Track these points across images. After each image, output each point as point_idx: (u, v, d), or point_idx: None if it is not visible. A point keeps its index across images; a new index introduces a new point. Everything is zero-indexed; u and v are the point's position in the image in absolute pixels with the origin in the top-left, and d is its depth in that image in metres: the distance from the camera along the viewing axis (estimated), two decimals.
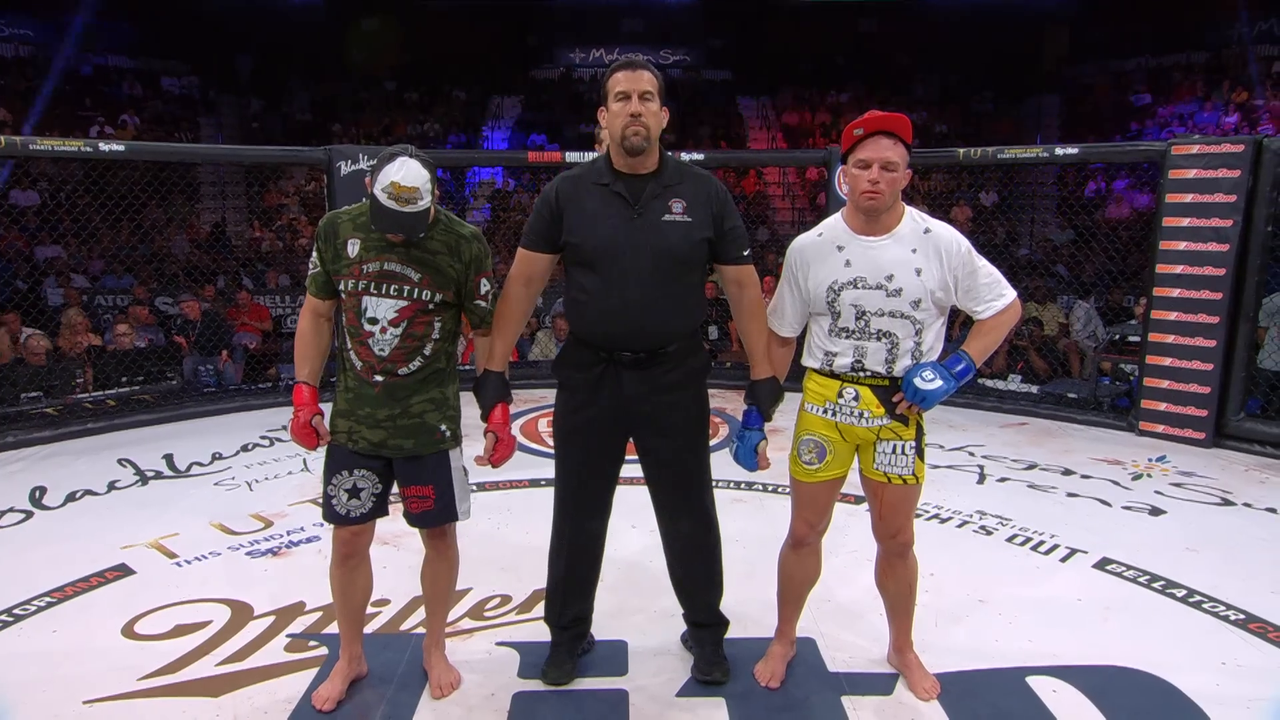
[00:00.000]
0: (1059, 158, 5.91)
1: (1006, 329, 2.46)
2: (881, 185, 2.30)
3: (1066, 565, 3.62)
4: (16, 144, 5.02)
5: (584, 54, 21.85)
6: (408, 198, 2.24)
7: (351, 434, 2.45)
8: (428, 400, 2.47)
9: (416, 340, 2.41)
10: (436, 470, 2.50)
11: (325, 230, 2.45)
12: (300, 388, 2.51)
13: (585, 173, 2.51)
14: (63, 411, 5.69)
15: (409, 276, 2.38)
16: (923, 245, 2.37)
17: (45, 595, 3.26)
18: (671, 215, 2.42)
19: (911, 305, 2.35)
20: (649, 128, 2.38)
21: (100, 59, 18.60)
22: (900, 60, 20.05)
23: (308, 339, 2.54)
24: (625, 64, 2.42)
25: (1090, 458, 5.11)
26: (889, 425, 2.45)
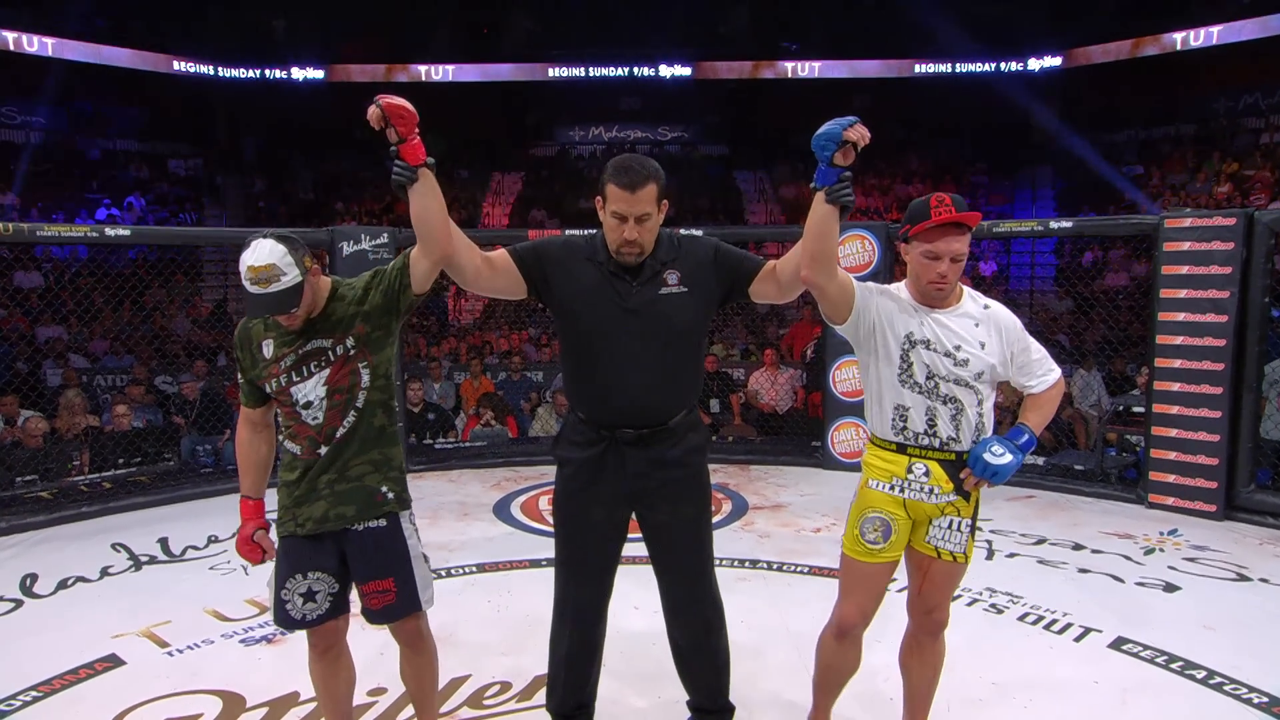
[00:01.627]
0: (1054, 231, 5.97)
1: (1057, 402, 2.52)
2: (950, 277, 2.36)
3: (1081, 645, 3.52)
4: (24, 230, 5.06)
5: (583, 131, 22.36)
6: (265, 277, 2.18)
7: (297, 519, 2.38)
8: (367, 462, 2.39)
9: (344, 394, 2.35)
10: (393, 558, 2.40)
11: (240, 339, 2.41)
12: (244, 502, 2.47)
13: (582, 246, 2.47)
14: (58, 494, 5.63)
15: (322, 346, 2.34)
16: (985, 321, 2.43)
17: (32, 689, 3.17)
18: (668, 288, 2.41)
19: (975, 377, 2.39)
20: (643, 247, 2.37)
21: (108, 143, 19.04)
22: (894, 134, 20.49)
23: (246, 450, 2.50)
24: (626, 180, 2.30)
25: (1100, 531, 5.03)
26: (953, 502, 2.45)
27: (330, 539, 2.38)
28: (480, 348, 10.36)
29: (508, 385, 8.84)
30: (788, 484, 6.22)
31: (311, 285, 2.28)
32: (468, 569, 4.45)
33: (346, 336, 2.35)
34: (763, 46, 20.79)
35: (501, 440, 7.29)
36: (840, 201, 2.25)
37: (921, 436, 2.41)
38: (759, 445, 7.32)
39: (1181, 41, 17.13)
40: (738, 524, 5.24)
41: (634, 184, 2.31)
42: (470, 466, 6.66)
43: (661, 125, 22.24)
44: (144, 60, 18.85)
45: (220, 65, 19.92)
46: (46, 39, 17.37)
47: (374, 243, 6.02)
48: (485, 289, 2.51)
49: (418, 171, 2.20)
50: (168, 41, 19.05)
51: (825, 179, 2.25)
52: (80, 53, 17.98)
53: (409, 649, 2.54)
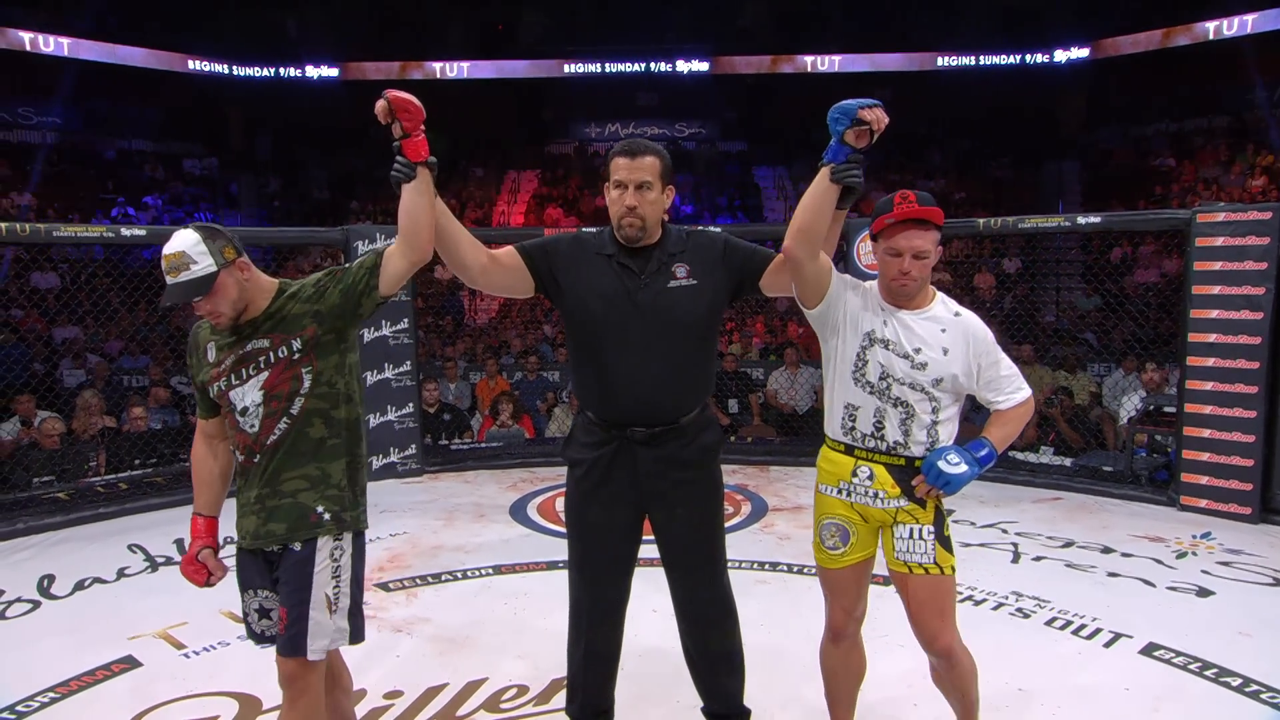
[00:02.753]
0: (1081, 227, 5.85)
1: (1023, 422, 2.43)
2: (913, 273, 2.30)
3: (1111, 651, 3.43)
4: (40, 231, 5.06)
5: (599, 128, 22.30)
6: (175, 265, 2.10)
7: (241, 532, 2.29)
8: (301, 477, 2.20)
9: (281, 401, 2.19)
10: (296, 587, 2.17)
11: (191, 343, 2.33)
12: (194, 519, 2.38)
13: (592, 240, 2.47)
14: (74, 495, 5.63)
15: (260, 347, 2.21)
16: (952, 327, 2.35)
17: (49, 690, 3.16)
18: (677, 280, 2.38)
19: (932, 383, 2.32)
20: (645, 218, 2.35)
21: (124, 143, 19.15)
22: (916, 128, 20.31)
23: (200, 465, 2.38)
24: (627, 149, 2.36)
25: (1130, 534, 4.91)
26: (906, 508, 2.37)
27: (266, 556, 2.26)
28: (497, 348, 10.34)
29: (524, 385, 8.80)
30: (808, 485, 6.09)
31: (237, 280, 2.16)
32: (484, 571, 4.41)
33: (292, 338, 2.21)
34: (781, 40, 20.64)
35: (518, 441, 7.24)
36: (845, 180, 2.22)
37: (868, 438, 2.37)
38: (779, 446, 7.23)
39: (1214, 31, 16.87)
40: (757, 526, 5.17)
41: (634, 152, 2.35)
42: (486, 467, 6.62)
43: (679, 121, 22.15)
44: (158, 60, 18.97)
45: (235, 64, 20.02)
46: (62, 39, 17.50)
47: (389, 241, 5.97)
48: (492, 287, 2.49)
49: (416, 169, 2.18)
50: (182, 41, 19.17)
51: (834, 155, 2.22)
52: (95, 52, 18.10)
53: (284, 697, 2.24)
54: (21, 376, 6.88)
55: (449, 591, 4.10)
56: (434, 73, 20.86)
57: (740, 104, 21.73)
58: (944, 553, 2.37)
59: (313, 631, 2.17)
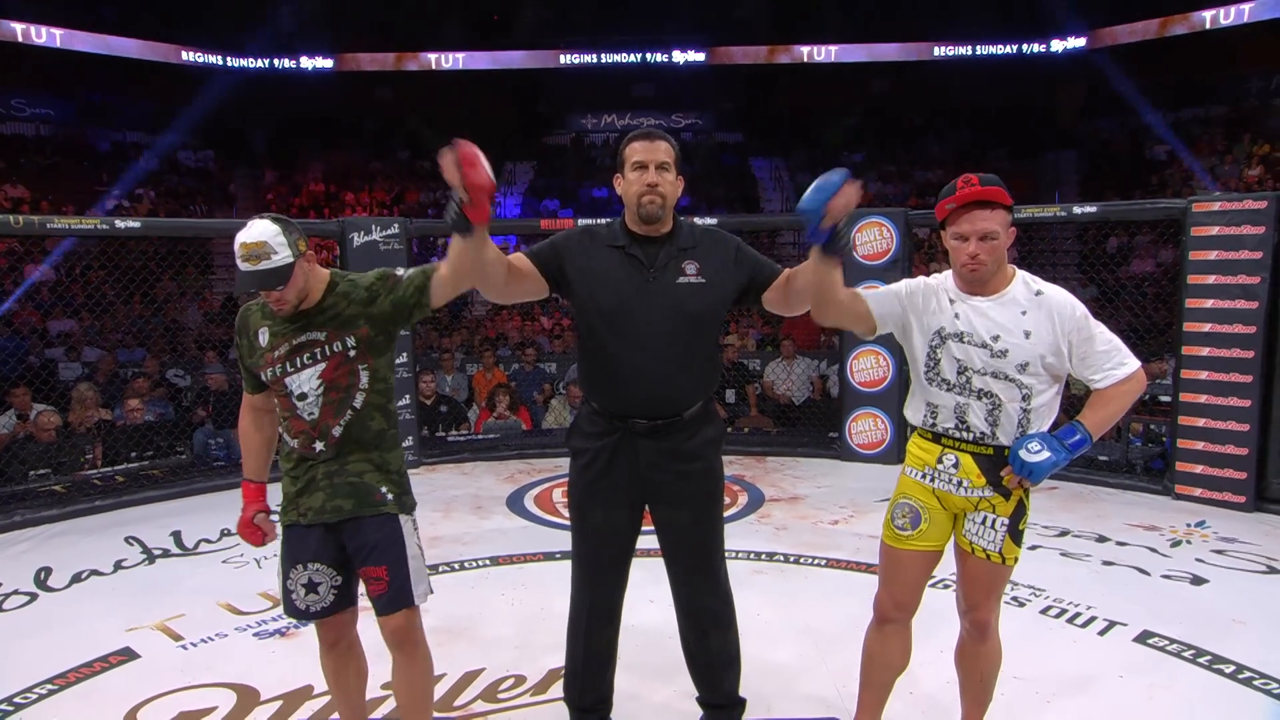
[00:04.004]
0: (1077, 217, 5.84)
1: (1129, 400, 2.32)
2: (982, 256, 2.25)
3: (1106, 639, 3.45)
4: (34, 223, 5.04)
5: (595, 120, 22.23)
6: (256, 254, 2.16)
7: (299, 508, 2.36)
8: (367, 460, 2.37)
9: (341, 392, 2.32)
10: (387, 547, 2.34)
11: (239, 324, 2.40)
12: (246, 485, 2.49)
13: (602, 233, 2.49)
14: (71, 488, 5.63)
15: (316, 339, 2.32)
16: (1033, 307, 2.28)
17: (47, 683, 3.16)
18: (686, 278, 2.40)
19: (1018, 369, 2.26)
20: (665, 196, 2.38)
21: (118, 135, 19.05)
22: (913, 119, 20.27)
23: (249, 435, 2.53)
24: (643, 134, 2.42)
25: (1125, 523, 4.93)
26: (988, 498, 2.34)
27: (330, 530, 2.35)
28: (494, 339, 10.32)
29: (520, 377, 8.79)
30: (805, 476, 6.15)
31: (304, 270, 2.25)
32: (481, 562, 4.41)
33: (347, 335, 2.32)
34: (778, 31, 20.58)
35: (515, 432, 7.24)
36: (838, 254, 2.19)
37: (953, 430, 2.35)
38: (775, 436, 7.25)
39: (1211, 20, 16.82)
40: (754, 516, 5.18)
41: (650, 136, 2.41)
42: (483, 459, 6.63)
43: (675, 112, 22.07)
44: (152, 51, 18.81)
45: (228, 55, 19.87)
46: (55, 30, 17.36)
47: (385, 233, 5.97)
48: (513, 297, 2.51)
49: (475, 229, 2.16)
50: (176, 32, 19.03)
51: (815, 237, 2.12)
52: (88, 43, 17.95)
53: (399, 653, 2.40)
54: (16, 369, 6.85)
55: (446, 583, 4.11)
56: (429, 64, 20.75)
57: (737, 95, 21.65)
58: (1012, 545, 2.35)
59: (414, 577, 2.35)
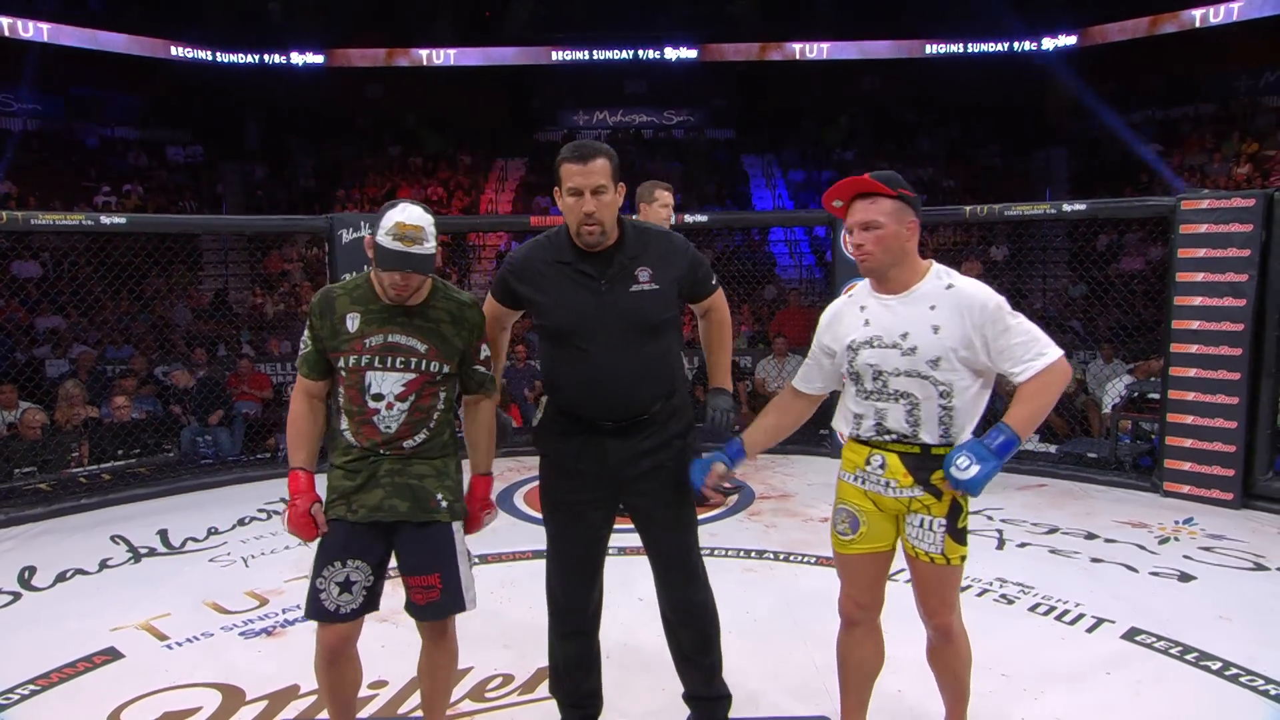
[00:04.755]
0: (1067, 214, 5.85)
1: (1053, 393, 2.23)
2: (868, 246, 2.24)
3: (1093, 636, 3.45)
4: (18, 219, 5.00)
5: (588, 116, 22.22)
6: (413, 236, 2.20)
7: (350, 504, 2.33)
8: (429, 466, 2.38)
9: (423, 414, 2.35)
10: (440, 555, 2.37)
11: (321, 306, 2.36)
12: (297, 474, 2.39)
13: (542, 248, 2.47)
14: (56, 486, 5.59)
15: (415, 348, 2.32)
16: (943, 301, 2.24)
17: (29, 683, 3.13)
18: (639, 285, 2.41)
19: (929, 365, 2.22)
20: (604, 223, 2.35)
21: (107, 130, 18.93)
22: (905, 116, 20.29)
23: (303, 423, 2.43)
24: (576, 154, 2.33)
25: (1114, 520, 4.94)
26: (919, 497, 2.31)
27: (379, 529, 2.34)
28: None
29: (511, 374, 8.74)
30: (795, 473, 6.14)
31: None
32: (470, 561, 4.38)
33: (444, 361, 2.35)
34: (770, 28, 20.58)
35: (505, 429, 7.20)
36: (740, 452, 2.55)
37: (875, 435, 2.35)
38: None
39: (1201, 18, 16.91)
40: (744, 514, 5.17)
41: (584, 156, 2.32)
42: None
43: (667, 109, 22.08)
44: (140, 46, 18.72)
45: (218, 50, 19.78)
46: (41, 24, 17.24)
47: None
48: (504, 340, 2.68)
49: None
50: (165, 26, 18.91)
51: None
52: (76, 38, 17.85)
53: (432, 644, 2.49)
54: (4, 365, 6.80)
55: None
56: (420, 60, 20.71)
57: (729, 92, 21.66)
58: (953, 544, 2.32)
59: (466, 583, 2.40)
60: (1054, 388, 2.22)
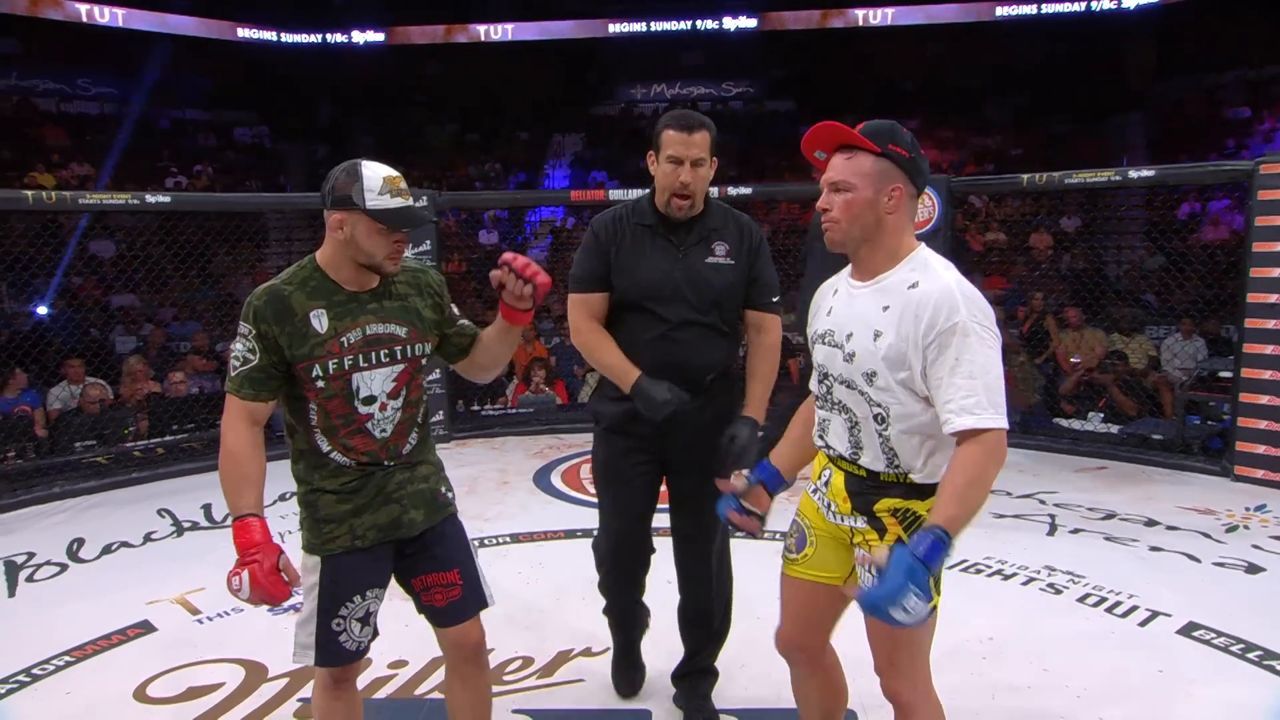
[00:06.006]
0: (1133, 181, 5.52)
1: (987, 483, 1.66)
2: (834, 212, 1.81)
3: (1146, 630, 3.25)
4: (66, 198, 5.12)
5: (645, 89, 21.98)
6: (405, 188, 1.98)
7: (355, 530, 2.01)
8: (427, 463, 2.16)
9: (414, 407, 2.09)
10: (456, 549, 2.14)
11: (272, 309, 1.93)
12: (248, 523, 1.88)
13: (626, 213, 2.52)
14: (112, 460, 5.75)
15: (397, 334, 2.02)
16: (898, 302, 1.75)
17: (65, 654, 3.20)
18: (715, 258, 2.47)
19: (864, 378, 1.79)
20: (695, 195, 2.41)
21: (177, 112, 19.46)
22: (971, 83, 19.57)
23: (246, 458, 1.92)
24: (682, 123, 2.38)
25: (1177, 506, 4.67)
26: (860, 529, 1.86)
27: (390, 546, 2.08)
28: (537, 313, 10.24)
29: (560, 350, 8.74)
30: None
31: None
32: (501, 539, 4.37)
33: (426, 342, 2.09)
34: None
35: (549, 406, 7.19)
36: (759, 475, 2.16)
37: (823, 445, 1.97)
38: None
39: None
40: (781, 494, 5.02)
41: (690, 127, 2.37)
42: (515, 434, 6.59)
43: (726, 81, 21.70)
44: (208, 28, 19.18)
45: (282, 31, 20.12)
46: (116, 9, 17.75)
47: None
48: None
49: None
50: (231, 9, 19.29)
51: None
52: (147, 22, 18.36)
53: (469, 665, 2.18)
54: (78, 342, 7.03)
55: None
56: (478, 35, 20.73)
57: (789, 61, 21.16)
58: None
59: (484, 579, 2.19)
60: (988, 475, 1.65)
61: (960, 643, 3.09)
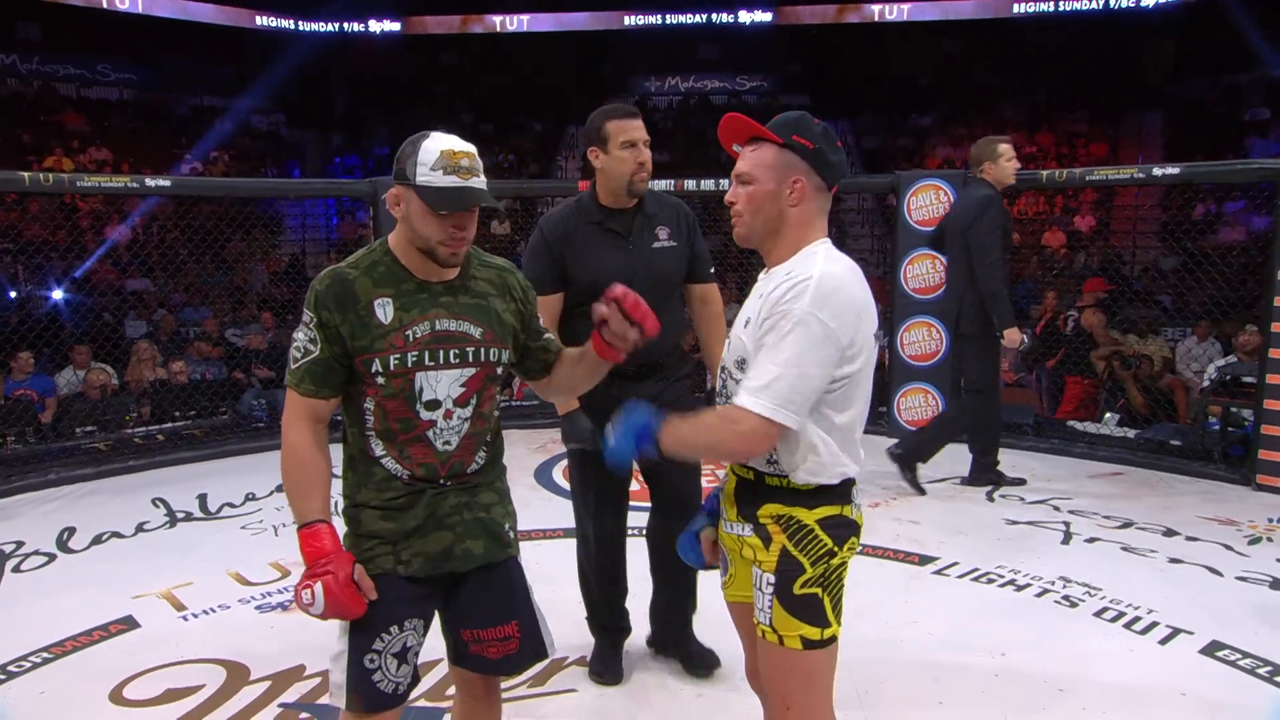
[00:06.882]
0: (1158, 179, 5.35)
1: (717, 444, 1.72)
2: (738, 205, 1.73)
3: (1167, 648, 3.10)
4: (64, 181, 5.04)
5: (659, 82, 21.87)
6: (468, 165, 1.72)
7: (400, 554, 1.79)
8: (493, 491, 1.89)
9: (485, 422, 1.84)
10: (516, 598, 1.88)
11: (335, 294, 1.75)
12: (318, 530, 1.72)
13: (572, 213, 2.66)
14: (113, 446, 5.67)
15: (470, 334, 1.79)
16: (769, 290, 1.68)
17: (44, 650, 3.10)
18: (660, 242, 2.67)
19: (736, 366, 1.72)
20: (649, 173, 2.61)
21: (196, 99, 19.54)
22: (987, 80, 19.34)
23: (311, 459, 1.77)
24: (624, 112, 2.59)
25: (1198, 516, 4.50)
26: (746, 538, 1.73)
27: (442, 579, 1.83)
28: None
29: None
30: None
31: None
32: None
33: (502, 345, 1.84)
34: None
35: None
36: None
37: None
38: None
39: None
40: None
41: (633, 113, 2.58)
42: (518, 427, 6.46)
43: (740, 75, 21.55)
44: (227, 15, 19.23)
45: (300, 19, 20.14)
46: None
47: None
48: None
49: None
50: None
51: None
52: (167, 9, 18.44)
53: (483, 702, 1.97)
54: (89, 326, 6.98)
55: None
56: (494, 26, 20.66)
57: (804, 56, 20.98)
58: (787, 617, 1.66)
59: (542, 623, 1.93)
60: (718, 449, 1.73)
61: (971, 658, 2.96)
